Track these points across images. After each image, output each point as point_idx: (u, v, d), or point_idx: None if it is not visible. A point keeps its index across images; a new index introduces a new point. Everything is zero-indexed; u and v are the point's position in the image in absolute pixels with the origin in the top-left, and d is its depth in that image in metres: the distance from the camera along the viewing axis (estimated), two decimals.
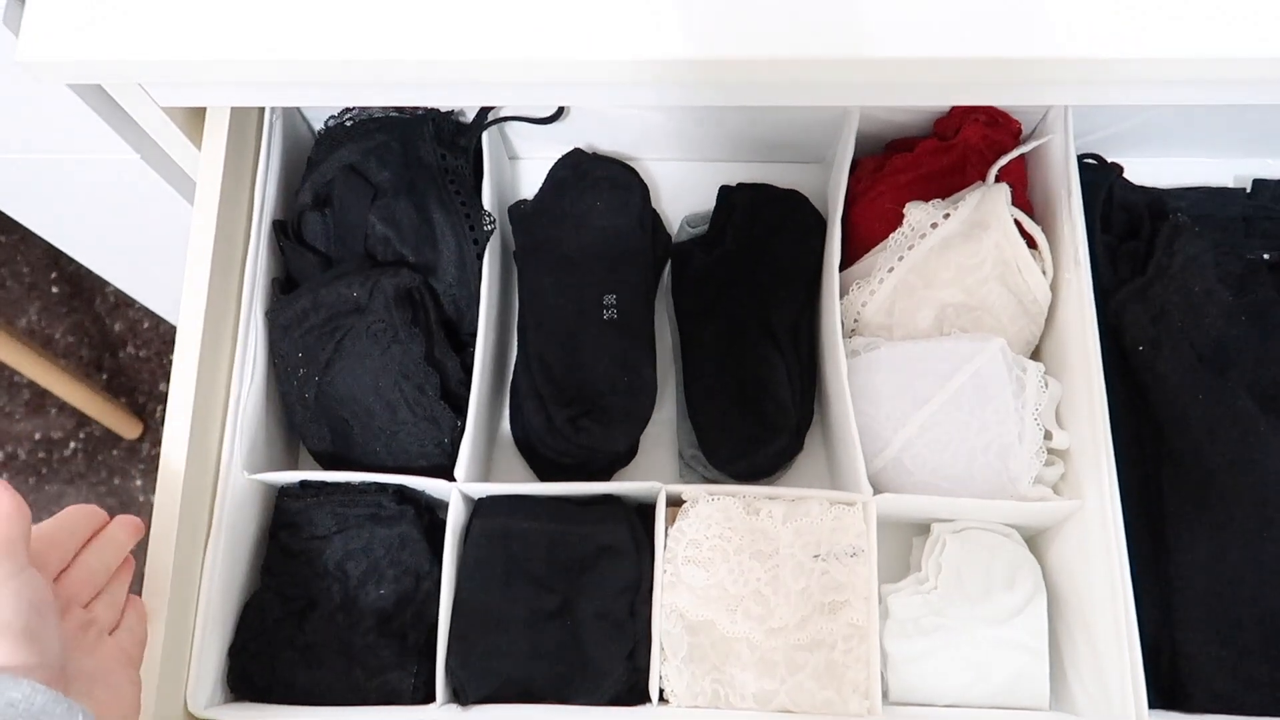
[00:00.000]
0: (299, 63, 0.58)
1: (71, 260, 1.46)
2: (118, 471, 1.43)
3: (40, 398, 1.46)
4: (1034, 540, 0.70)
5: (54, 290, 1.52)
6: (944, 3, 0.56)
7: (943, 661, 0.65)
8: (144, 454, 1.44)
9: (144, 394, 1.48)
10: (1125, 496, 0.62)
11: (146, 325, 1.51)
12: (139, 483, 1.43)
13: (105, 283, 1.51)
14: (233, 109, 0.68)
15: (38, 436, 1.45)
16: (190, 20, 0.57)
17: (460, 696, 0.63)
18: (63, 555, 0.54)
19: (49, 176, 0.81)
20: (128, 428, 1.43)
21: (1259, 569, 0.63)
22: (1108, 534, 0.62)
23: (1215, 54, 0.56)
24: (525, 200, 0.75)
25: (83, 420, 1.44)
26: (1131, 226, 0.73)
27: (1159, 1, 0.56)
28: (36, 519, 0.52)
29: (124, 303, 1.51)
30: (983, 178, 0.70)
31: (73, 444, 1.45)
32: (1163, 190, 0.76)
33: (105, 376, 1.48)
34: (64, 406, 1.44)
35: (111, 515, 0.57)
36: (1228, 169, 0.79)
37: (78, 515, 0.56)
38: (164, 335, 1.49)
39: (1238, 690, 0.62)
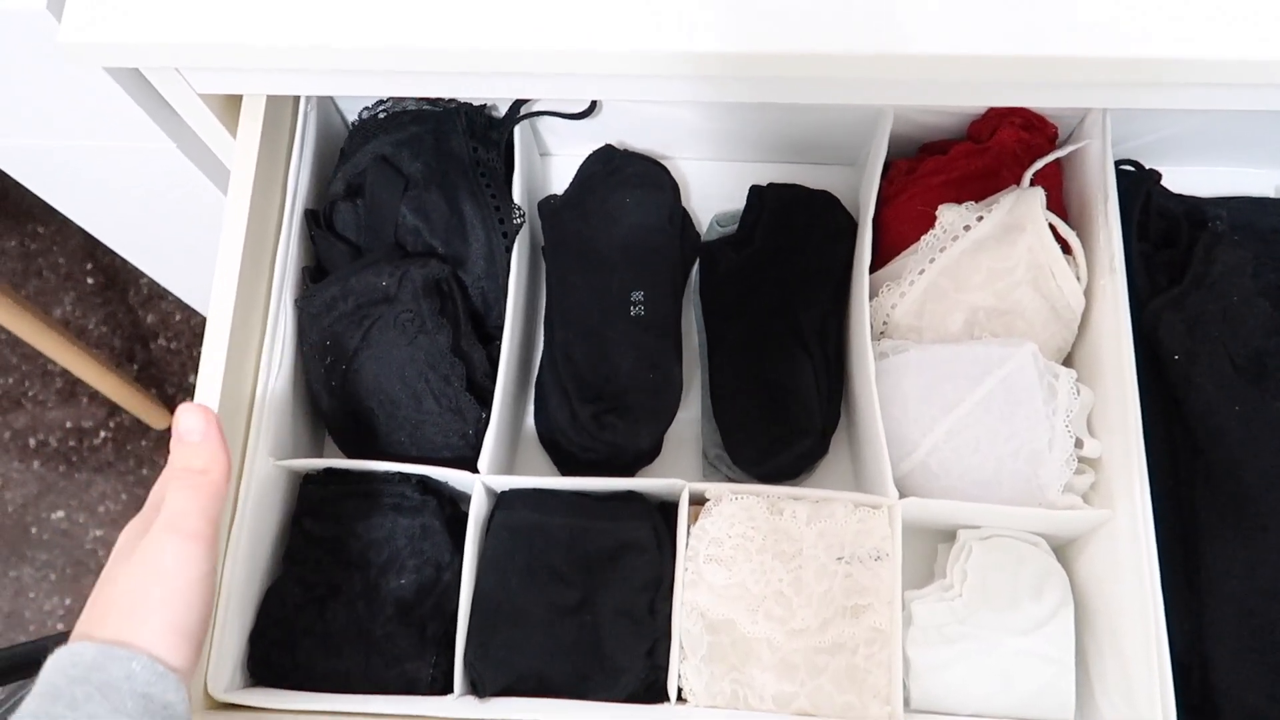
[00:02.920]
0: (335, 50, 0.58)
1: (107, 252, 1.48)
2: (146, 461, 1.45)
3: (72, 387, 1.48)
4: (1062, 550, 0.69)
5: (89, 281, 1.54)
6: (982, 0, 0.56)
7: (966, 670, 0.64)
8: None
9: (174, 385, 1.49)
10: (1157, 507, 0.61)
11: (178, 318, 1.52)
12: None
13: (139, 275, 1.53)
14: (268, 98, 0.68)
15: (69, 425, 1.47)
16: (228, 5, 0.58)
17: (478, 688, 0.63)
18: None
19: (87, 164, 0.82)
20: (157, 418, 1.45)
21: None
22: (1139, 545, 0.60)
23: (1256, 57, 0.55)
24: (555, 195, 0.75)
25: (113, 410, 1.46)
26: (1169, 234, 0.72)
27: (1202, 2, 0.55)
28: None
29: (157, 295, 1.53)
30: (1017, 182, 0.69)
31: (103, 433, 1.47)
32: (1202, 199, 0.75)
33: (136, 367, 1.50)
34: (95, 396, 1.46)
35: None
36: (1268, 179, 0.78)
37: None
38: (195, 328, 1.51)
39: (1270, 707, 0.60)
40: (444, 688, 0.63)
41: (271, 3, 0.58)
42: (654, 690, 0.63)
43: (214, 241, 0.65)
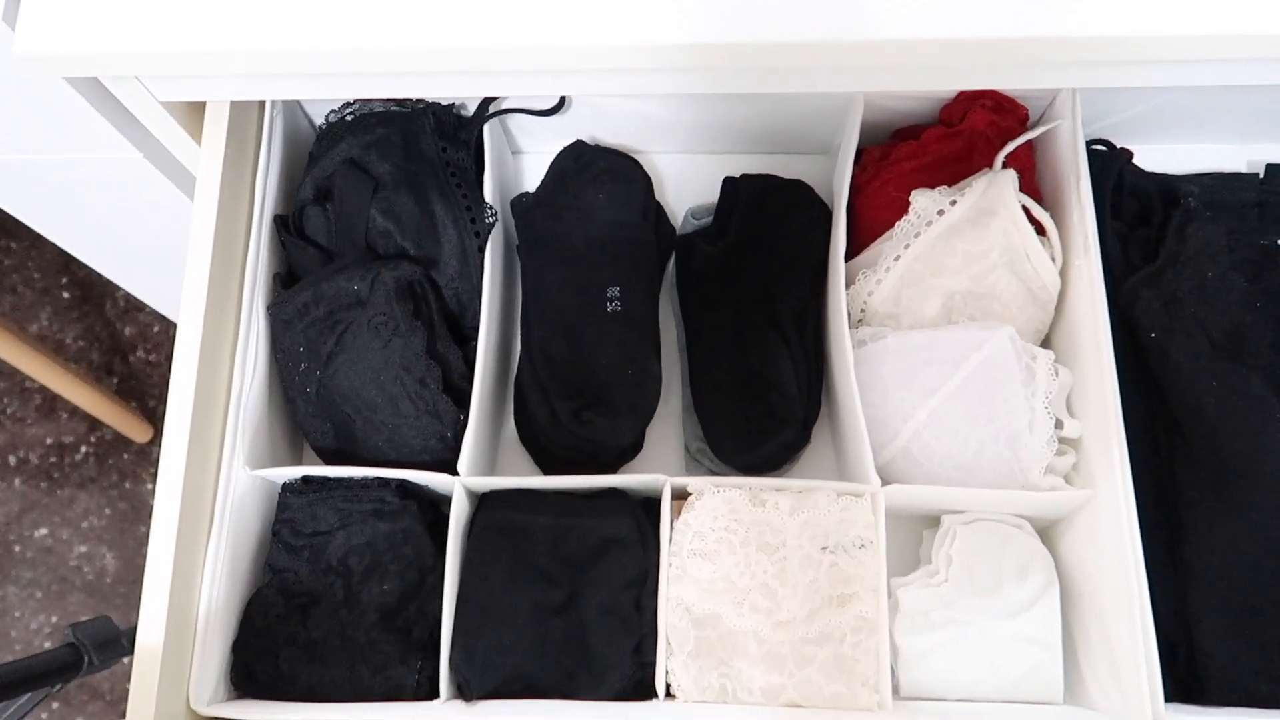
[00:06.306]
0: (297, 54, 0.57)
1: (82, 265, 1.46)
2: (129, 475, 1.44)
3: (51, 402, 1.46)
4: (1046, 531, 0.69)
5: (65, 295, 1.52)
6: None
7: (954, 655, 0.64)
8: (155, 457, 1.44)
9: (154, 398, 1.48)
10: (1138, 486, 0.61)
11: (156, 329, 1.51)
12: (149, 486, 1.43)
13: (115, 287, 1.51)
14: (233, 103, 0.67)
15: (49, 441, 1.46)
16: (187, 12, 0.57)
17: (464, 692, 0.62)
18: None
19: (55, 178, 0.81)
20: (138, 431, 1.43)
21: (1276, 557, 0.62)
22: (1121, 524, 0.60)
23: (1225, 31, 0.55)
24: (527, 193, 0.75)
25: (94, 424, 1.45)
26: (1142, 213, 0.72)
27: None
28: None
29: (134, 307, 1.51)
30: (990, 165, 0.69)
31: (84, 448, 1.45)
32: (1174, 176, 0.75)
33: (116, 381, 1.49)
34: (75, 411, 1.45)
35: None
36: (1240, 154, 0.78)
37: None
38: (174, 339, 1.49)
39: (1256, 682, 0.61)
40: (430, 692, 0.63)
41: (231, 8, 0.57)
42: (642, 687, 0.63)
43: (184, 250, 0.64)
